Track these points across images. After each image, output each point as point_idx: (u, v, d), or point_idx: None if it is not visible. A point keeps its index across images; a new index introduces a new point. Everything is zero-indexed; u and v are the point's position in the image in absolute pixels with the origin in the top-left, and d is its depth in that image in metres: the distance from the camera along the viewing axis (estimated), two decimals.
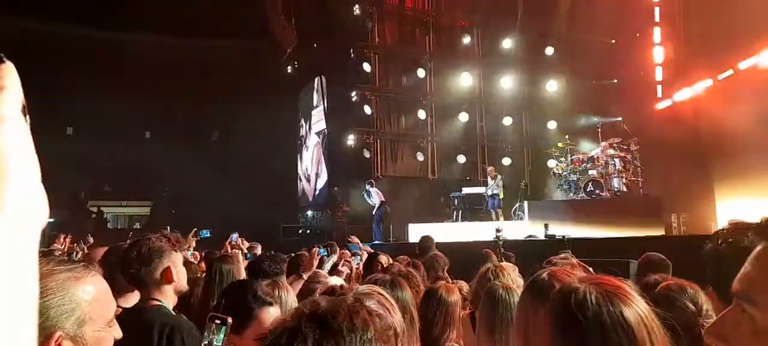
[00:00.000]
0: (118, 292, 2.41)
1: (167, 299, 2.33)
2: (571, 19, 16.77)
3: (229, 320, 1.41)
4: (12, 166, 0.47)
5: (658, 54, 15.29)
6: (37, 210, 0.46)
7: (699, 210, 12.75)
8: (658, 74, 15.37)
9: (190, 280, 2.75)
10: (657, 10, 15.31)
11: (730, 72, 13.02)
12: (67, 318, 1.14)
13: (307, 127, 22.82)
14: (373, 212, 14.22)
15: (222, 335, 1.40)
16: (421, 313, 2.47)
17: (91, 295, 1.21)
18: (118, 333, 1.27)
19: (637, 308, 1.15)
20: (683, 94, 14.54)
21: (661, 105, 15.25)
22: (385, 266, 4.20)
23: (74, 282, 1.18)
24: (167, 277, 2.31)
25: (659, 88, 15.40)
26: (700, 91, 13.96)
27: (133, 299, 2.43)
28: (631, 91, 15.85)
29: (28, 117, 0.66)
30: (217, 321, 1.41)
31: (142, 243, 2.35)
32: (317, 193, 21.18)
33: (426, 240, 6.70)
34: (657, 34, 15.33)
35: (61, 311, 1.13)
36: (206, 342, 1.39)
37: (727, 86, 13.04)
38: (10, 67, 0.69)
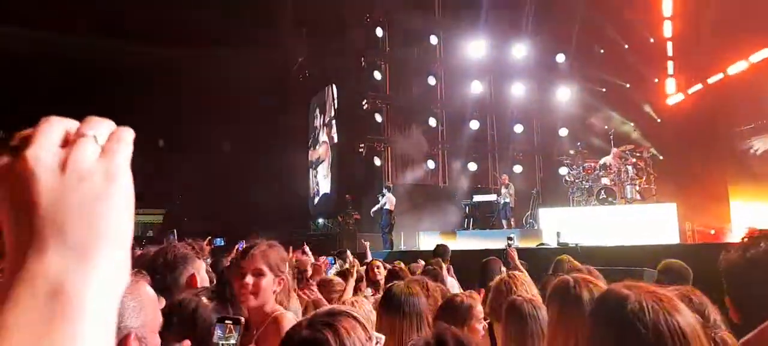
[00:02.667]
0: None
1: None
2: (582, 25, 16.70)
3: (242, 319, 1.41)
4: (123, 234, 0.48)
5: (669, 48, 15.21)
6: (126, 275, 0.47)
7: (714, 213, 12.60)
8: (670, 69, 15.24)
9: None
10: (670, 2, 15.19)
11: (743, 64, 12.95)
12: (136, 319, 1.15)
13: (318, 135, 22.90)
14: (384, 220, 14.12)
15: (236, 335, 1.40)
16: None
17: (151, 298, 1.24)
18: (158, 340, 1.27)
19: (689, 318, 1.14)
20: (695, 88, 14.46)
21: (672, 100, 15.10)
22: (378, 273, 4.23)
23: (138, 285, 1.20)
24: (192, 283, 2.33)
25: (670, 82, 15.25)
26: (712, 84, 13.86)
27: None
28: (643, 96, 15.73)
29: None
30: (229, 322, 1.39)
31: (168, 250, 2.38)
32: (316, 202, 21.33)
33: (440, 247, 6.62)
34: (668, 27, 15.22)
35: (132, 312, 1.15)
36: (222, 344, 1.36)
37: (738, 80, 12.97)
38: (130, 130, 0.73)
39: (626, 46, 16.28)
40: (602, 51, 16.76)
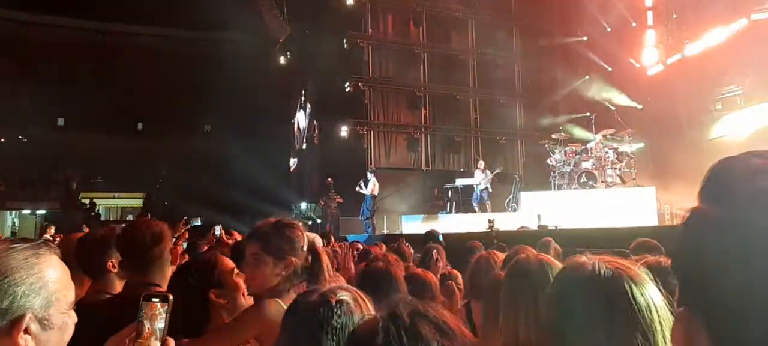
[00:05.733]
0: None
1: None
2: (566, 11, 16.77)
3: (171, 296, 1.19)
4: None
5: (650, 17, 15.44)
6: None
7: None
8: (651, 39, 15.44)
9: None
10: None
11: (711, 36, 13.27)
12: (36, 297, 1.02)
13: (298, 118, 22.75)
14: (367, 204, 14.09)
15: (165, 314, 1.17)
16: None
17: (57, 273, 1.09)
18: (74, 318, 1.14)
19: (648, 287, 1.08)
20: (673, 58, 14.72)
21: (652, 70, 15.29)
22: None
23: (37, 259, 1.06)
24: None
25: (648, 52, 15.46)
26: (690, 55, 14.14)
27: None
28: (625, 80, 15.89)
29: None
30: (156, 299, 1.18)
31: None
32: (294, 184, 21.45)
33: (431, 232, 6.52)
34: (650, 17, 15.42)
35: (29, 290, 1.02)
36: (147, 324, 1.16)
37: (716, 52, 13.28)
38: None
39: (609, 30, 16.41)
40: (585, 38, 16.86)
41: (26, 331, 1.01)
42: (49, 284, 1.06)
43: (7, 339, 0.99)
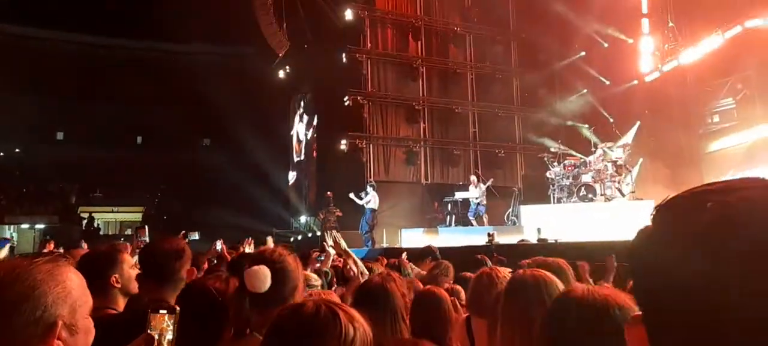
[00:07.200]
0: None
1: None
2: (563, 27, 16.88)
3: (178, 309, 1.25)
4: None
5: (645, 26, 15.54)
6: None
7: None
8: (648, 44, 15.55)
9: None
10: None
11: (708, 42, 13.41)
12: (63, 305, 1.11)
13: (298, 132, 22.80)
14: (367, 218, 14.04)
15: (173, 326, 1.23)
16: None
17: (78, 281, 1.18)
18: (92, 323, 1.22)
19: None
20: (669, 65, 14.76)
21: (649, 78, 15.37)
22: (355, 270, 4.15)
23: (60, 271, 1.15)
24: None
25: (645, 60, 15.55)
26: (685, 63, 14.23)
27: None
28: (622, 94, 15.96)
29: None
30: (163, 311, 1.25)
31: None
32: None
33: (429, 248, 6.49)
34: (646, 24, 15.55)
35: (57, 299, 1.10)
36: (156, 336, 1.21)
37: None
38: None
39: (606, 45, 16.51)
40: (583, 53, 16.95)
41: (58, 337, 1.10)
42: (73, 292, 1.15)
43: None
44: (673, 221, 0.60)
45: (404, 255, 5.63)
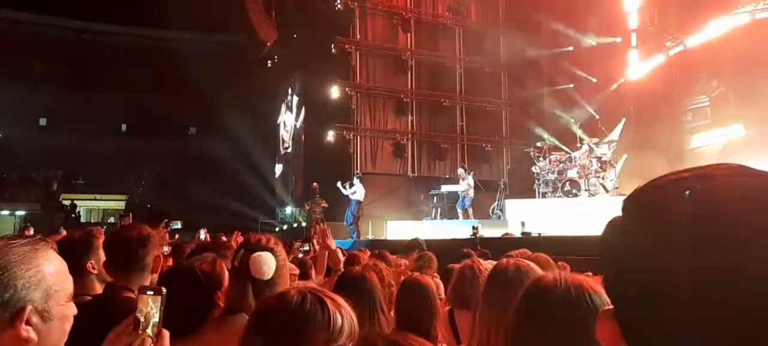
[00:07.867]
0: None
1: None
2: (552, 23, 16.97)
3: (164, 290, 1.21)
4: None
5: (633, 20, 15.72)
6: None
7: None
8: (633, 40, 15.74)
9: None
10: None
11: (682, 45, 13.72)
12: (35, 289, 1.07)
13: (285, 122, 22.69)
14: (352, 210, 14.07)
15: (159, 307, 1.20)
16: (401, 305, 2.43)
17: (55, 266, 1.14)
18: (74, 310, 1.18)
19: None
20: (655, 61, 14.96)
21: (634, 75, 15.54)
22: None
23: (35, 254, 1.10)
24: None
25: (632, 54, 15.75)
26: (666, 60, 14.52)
27: None
28: (609, 90, 16.10)
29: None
30: (150, 292, 1.21)
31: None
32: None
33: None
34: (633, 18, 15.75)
35: (29, 282, 1.06)
36: (142, 317, 1.18)
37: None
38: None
39: (595, 44, 16.62)
40: (571, 48, 17.05)
41: (28, 322, 1.05)
42: (48, 277, 1.11)
43: (10, 331, 1.04)
44: (648, 212, 0.59)
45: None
